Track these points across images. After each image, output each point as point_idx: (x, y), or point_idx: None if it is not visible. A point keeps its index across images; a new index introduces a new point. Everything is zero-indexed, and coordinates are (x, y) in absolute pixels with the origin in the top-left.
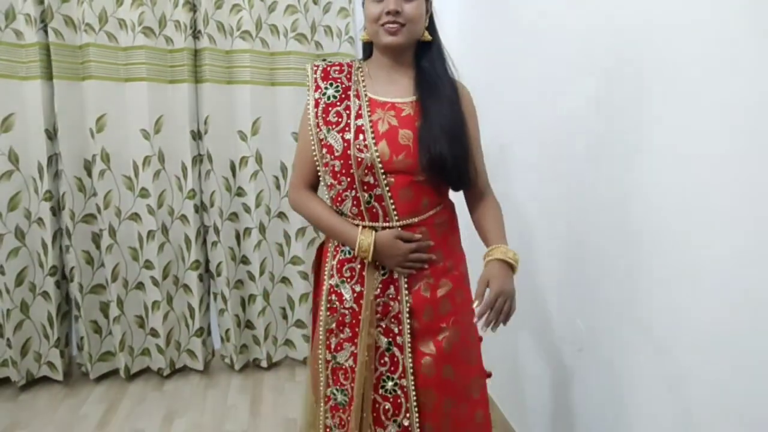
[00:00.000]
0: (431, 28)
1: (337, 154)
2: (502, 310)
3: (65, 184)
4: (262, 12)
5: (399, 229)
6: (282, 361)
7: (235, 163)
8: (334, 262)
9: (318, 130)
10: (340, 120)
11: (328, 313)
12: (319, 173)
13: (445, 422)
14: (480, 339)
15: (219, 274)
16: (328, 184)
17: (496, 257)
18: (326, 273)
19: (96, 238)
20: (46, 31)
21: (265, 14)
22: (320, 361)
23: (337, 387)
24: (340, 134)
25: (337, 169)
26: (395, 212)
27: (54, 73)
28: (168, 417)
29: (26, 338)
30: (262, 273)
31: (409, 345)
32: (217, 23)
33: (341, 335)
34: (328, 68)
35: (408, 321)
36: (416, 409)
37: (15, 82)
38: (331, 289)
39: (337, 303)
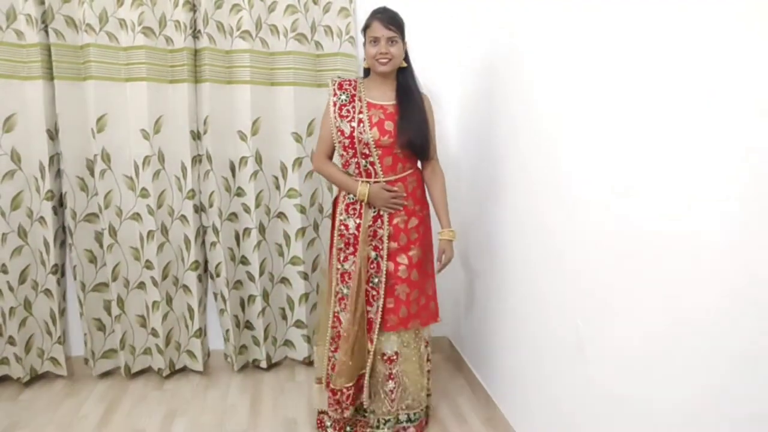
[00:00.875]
0: (406, 59)
1: (346, 135)
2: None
3: (67, 183)
4: (262, 12)
5: (384, 183)
6: (281, 361)
7: (235, 163)
8: (343, 205)
9: (335, 120)
10: (348, 114)
11: (339, 237)
12: (335, 147)
13: (413, 306)
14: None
15: (218, 275)
16: (340, 154)
17: (446, 238)
18: (338, 212)
19: (98, 237)
20: (47, 32)
21: (265, 14)
22: (334, 270)
23: (344, 284)
24: (349, 123)
25: (346, 144)
26: (381, 172)
27: (55, 73)
28: (168, 416)
29: (29, 335)
30: (261, 273)
31: (387, 256)
32: (217, 23)
33: (347, 251)
34: (342, 82)
35: (387, 241)
36: (384, 294)
37: (16, 83)
38: (341, 223)
39: (345, 231)
